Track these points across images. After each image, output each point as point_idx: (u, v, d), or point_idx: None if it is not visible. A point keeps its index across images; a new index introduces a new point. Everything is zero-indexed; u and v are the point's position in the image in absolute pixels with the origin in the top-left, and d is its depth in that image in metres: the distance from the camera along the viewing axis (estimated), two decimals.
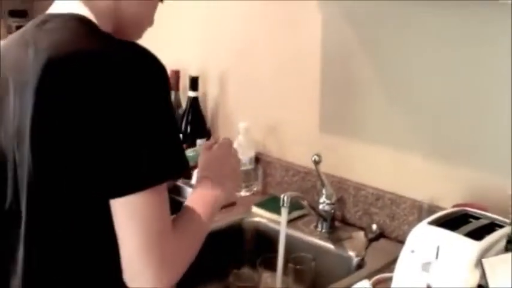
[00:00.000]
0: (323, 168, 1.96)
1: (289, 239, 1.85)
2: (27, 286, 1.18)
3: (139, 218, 1.09)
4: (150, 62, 1.10)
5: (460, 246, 1.32)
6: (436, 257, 1.32)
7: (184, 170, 1.15)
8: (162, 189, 1.11)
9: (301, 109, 2.09)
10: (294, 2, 2.04)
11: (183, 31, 2.42)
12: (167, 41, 2.49)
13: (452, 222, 1.44)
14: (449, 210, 1.52)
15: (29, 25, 1.23)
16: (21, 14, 2.81)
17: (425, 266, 1.34)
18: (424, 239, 1.38)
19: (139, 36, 1.30)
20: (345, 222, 1.97)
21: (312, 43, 2.01)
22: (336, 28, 1.95)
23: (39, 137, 1.11)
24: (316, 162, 1.87)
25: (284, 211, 1.73)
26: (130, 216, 1.09)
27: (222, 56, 2.29)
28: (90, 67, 1.06)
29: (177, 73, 2.36)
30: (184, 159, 1.15)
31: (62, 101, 1.07)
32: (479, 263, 1.28)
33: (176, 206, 1.31)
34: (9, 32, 2.81)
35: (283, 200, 1.72)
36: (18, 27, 2.76)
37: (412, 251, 1.38)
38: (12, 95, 1.16)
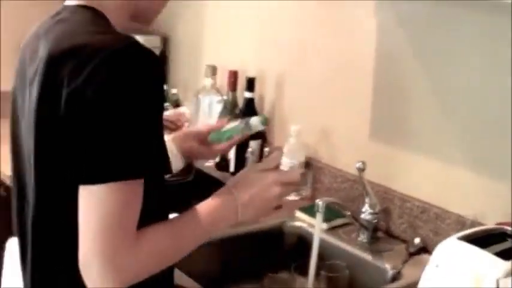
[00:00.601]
0: (370, 176, 1.92)
1: (326, 246, 1.83)
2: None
3: (98, 212, 1.07)
4: (142, 56, 1.10)
5: (484, 265, 1.24)
6: (459, 273, 1.26)
7: (149, 170, 1.12)
8: (130, 190, 1.09)
9: (352, 115, 2.04)
10: (350, 6, 2.00)
11: (242, 33, 2.42)
12: (226, 42, 2.51)
13: (486, 239, 1.37)
14: (487, 227, 1.45)
15: (47, 16, 1.26)
16: None
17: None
18: (449, 254, 1.31)
19: (152, 22, 1.32)
20: (389, 233, 1.91)
21: (366, 48, 1.97)
22: (391, 33, 1.90)
23: (39, 129, 1.14)
24: (361, 170, 1.82)
25: (319, 216, 1.69)
26: (90, 207, 1.08)
27: (279, 58, 2.28)
28: (82, 60, 1.07)
29: (235, 73, 2.35)
30: (155, 160, 1.13)
31: (56, 92, 1.09)
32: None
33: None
34: None
35: (318, 206, 1.69)
36: None
37: (437, 266, 1.32)
38: (28, 87, 1.19)
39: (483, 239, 1.36)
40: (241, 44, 2.43)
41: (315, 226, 1.87)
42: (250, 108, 2.28)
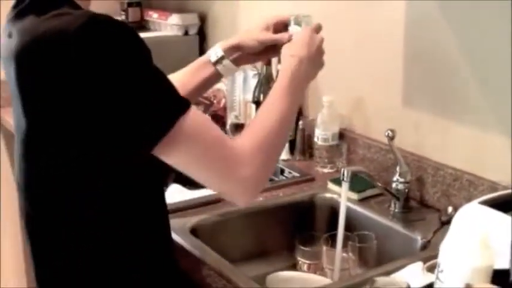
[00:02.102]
0: (404, 145, 1.88)
1: (356, 217, 1.81)
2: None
3: (192, 152, 1.15)
4: (113, 30, 1.09)
5: (494, 225, 1.19)
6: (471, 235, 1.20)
7: (189, 102, 1.16)
8: (193, 116, 1.15)
9: (385, 84, 1.99)
10: None
11: (275, 7, 2.38)
12: (260, 17, 2.47)
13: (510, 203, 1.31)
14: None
15: (13, 5, 1.26)
16: None
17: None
18: (469, 220, 1.27)
19: None
20: (423, 203, 1.86)
21: (396, 14, 1.91)
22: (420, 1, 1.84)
23: (32, 121, 1.16)
24: (390, 138, 1.78)
25: (344, 186, 1.66)
26: (183, 154, 1.15)
27: None
28: (59, 48, 1.07)
29: None
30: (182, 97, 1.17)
31: (44, 84, 1.11)
32: None
33: None
34: (122, 9, 2.91)
35: (343, 175, 1.65)
36: (129, 4, 2.87)
37: (457, 232, 1.27)
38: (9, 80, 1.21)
39: (506, 204, 1.31)
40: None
41: (347, 197, 1.86)
42: None
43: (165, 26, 2.86)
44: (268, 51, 1.57)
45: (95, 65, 1.07)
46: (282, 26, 1.55)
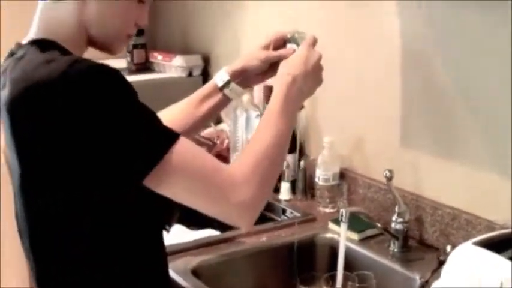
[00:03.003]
0: (403, 185, 1.91)
1: (355, 257, 1.82)
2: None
3: (184, 180, 1.18)
4: (95, 73, 1.14)
5: (489, 266, 1.21)
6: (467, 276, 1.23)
7: (177, 133, 1.20)
8: (182, 147, 1.18)
9: (383, 124, 2.03)
10: (375, 13, 2.00)
11: None
12: None
13: (507, 243, 1.33)
14: (505, 231, 1.41)
15: (7, 54, 1.31)
16: (137, 33, 2.94)
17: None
18: (463, 260, 1.29)
19: (115, 49, 1.33)
20: (422, 242, 1.88)
21: (392, 54, 1.95)
22: (417, 38, 1.88)
23: (25, 166, 1.21)
24: (388, 178, 1.80)
25: (343, 226, 1.68)
26: (174, 184, 1.17)
27: None
28: (46, 97, 1.13)
29: (270, 88, 2.34)
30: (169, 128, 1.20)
31: (35, 131, 1.16)
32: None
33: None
34: (127, 51, 2.96)
35: (342, 215, 1.68)
36: (134, 46, 2.93)
37: (449, 272, 1.29)
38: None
39: (501, 244, 1.33)
40: None
41: (348, 238, 1.87)
42: None
43: (169, 68, 2.92)
44: (274, 68, 1.56)
45: (79, 108, 1.12)
46: (281, 42, 1.56)
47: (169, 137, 1.18)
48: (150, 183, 1.17)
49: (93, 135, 1.12)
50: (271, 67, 1.55)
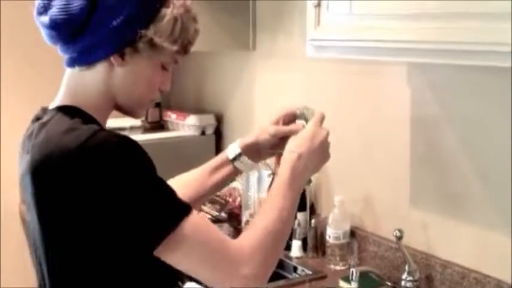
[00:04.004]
0: (412, 243, 1.94)
1: None
2: None
3: (193, 253, 1.22)
4: (115, 147, 1.18)
5: None
6: None
7: (189, 206, 1.24)
8: (193, 219, 1.22)
9: (392, 184, 2.07)
10: (384, 79, 2.06)
11: (282, 104, 2.49)
12: (267, 113, 2.58)
13: None
14: None
15: (33, 118, 1.36)
16: None
17: None
18: None
19: (139, 113, 1.38)
20: None
21: (400, 117, 2.01)
22: (424, 102, 1.94)
23: (45, 231, 1.26)
24: (398, 238, 1.84)
25: (354, 285, 1.72)
26: (184, 256, 1.22)
27: None
28: (66, 165, 1.18)
29: None
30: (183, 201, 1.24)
31: (53, 197, 1.21)
32: None
33: None
34: None
35: (352, 274, 1.71)
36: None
37: None
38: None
39: None
40: None
41: None
42: None
43: (182, 126, 2.98)
44: (284, 142, 1.56)
45: (96, 178, 1.16)
46: (291, 118, 1.60)
47: (183, 209, 1.22)
48: (161, 254, 1.21)
49: (108, 205, 1.17)
50: (281, 141, 1.57)
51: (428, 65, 1.89)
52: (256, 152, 1.62)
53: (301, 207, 2.31)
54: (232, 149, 1.62)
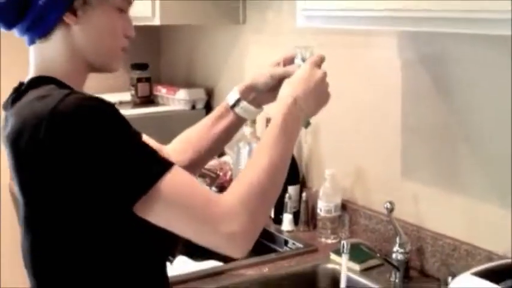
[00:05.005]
0: (403, 215, 1.93)
1: (357, 287, 1.83)
2: None
3: (175, 208, 1.18)
4: (86, 109, 1.16)
5: None
6: None
7: (170, 162, 1.20)
8: (175, 175, 1.19)
9: (384, 156, 2.06)
10: (374, 48, 2.04)
11: None
12: None
13: (506, 273, 1.35)
14: (504, 261, 1.43)
15: (11, 92, 1.35)
16: (142, 67, 3.01)
17: None
18: None
19: (117, 64, 1.36)
20: (423, 273, 1.90)
21: (392, 89, 1.99)
22: (415, 73, 1.92)
23: (27, 198, 1.26)
24: (389, 210, 1.83)
25: (344, 257, 1.70)
26: (164, 210, 1.18)
27: None
28: (39, 130, 1.16)
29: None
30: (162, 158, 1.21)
31: (29, 163, 1.20)
32: None
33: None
34: (132, 84, 3.01)
35: (343, 247, 1.70)
36: (138, 80, 2.98)
37: None
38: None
39: (502, 273, 1.35)
40: None
41: (350, 268, 1.89)
42: None
43: (173, 101, 2.96)
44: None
45: (71, 141, 1.14)
46: (290, 61, 1.56)
47: (162, 165, 1.19)
48: (141, 211, 1.18)
49: (85, 166, 1.15)
50: (279, 84, 1.50)
51: (420, 35, 1.88)
52: (256, 96, 1.58)
53: (293, 180, 2.30)
54: (231, 95, 1.59)
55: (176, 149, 1.59)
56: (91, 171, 1.16)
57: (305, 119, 1.40)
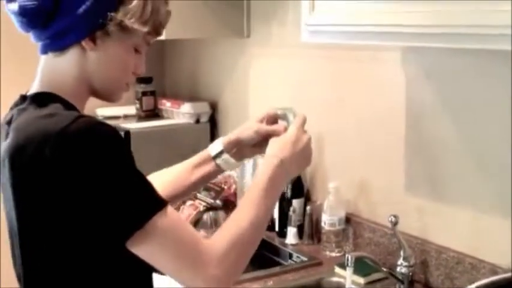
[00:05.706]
0: (408, 229, 1.94)
1: None
2: None
3: (163, 247, 1.20)
4: (95, 135, 1.17)
5: None
6: None
7: (165, 201, 1.22)
8: (168, 214, 1.20)
9: (388, 170, 2.07)
10: (378, 63, 2.06)
11: (282, 97, 2.50)
12: (268, 105, 2.58)
13: (510, 287, 1.36)
14: (506, 275, 1.44)
15: (12, 105, 1.35)
16: (147, 81, 3.02)
17: None
18: None
19: (118, 96, 1.37)
20: (428, 286, 1.90)
21: (395, 102, 2.01)
22: (419, 87, 1.94)
23: (23, 214, 1.25)
24: (393, 224, 1.84)
25: (349, 271, 1.71)
26: (152, 249, 1.20)
27: (317, 118, 2.31)
28: (44, 148, 1.16)
29: None
30: (158, 195, 1.22)
31: (29, 182, 1.20)
32: None
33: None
34: (136, 98, 3.03)
35: (347, 260, 1.71)
36: (143, 93, 3.00)
37: None
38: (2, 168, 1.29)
39: (504, 287, 1.36)
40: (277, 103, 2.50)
41: (354, 282, 1.90)
42: None
43: (177, 114, 2.97)
44: (267, 142, 1.54)
45: (74, 164, 1.15)
46: (274, 119, 1.57)
47: (157, 203, 1.21)
48: (131, 246, 1.20)
49: (84, 192, 1.16)
50: (264, 140, 1.53)
51: (423, 50, 1.89)
52: (239, 149, 1.59)
53: (298, 194, 2.32)
54: (214, 146, 1.60)
55: None
56: (89, 198, 1.16)
57: (288, 179, 1.44)
